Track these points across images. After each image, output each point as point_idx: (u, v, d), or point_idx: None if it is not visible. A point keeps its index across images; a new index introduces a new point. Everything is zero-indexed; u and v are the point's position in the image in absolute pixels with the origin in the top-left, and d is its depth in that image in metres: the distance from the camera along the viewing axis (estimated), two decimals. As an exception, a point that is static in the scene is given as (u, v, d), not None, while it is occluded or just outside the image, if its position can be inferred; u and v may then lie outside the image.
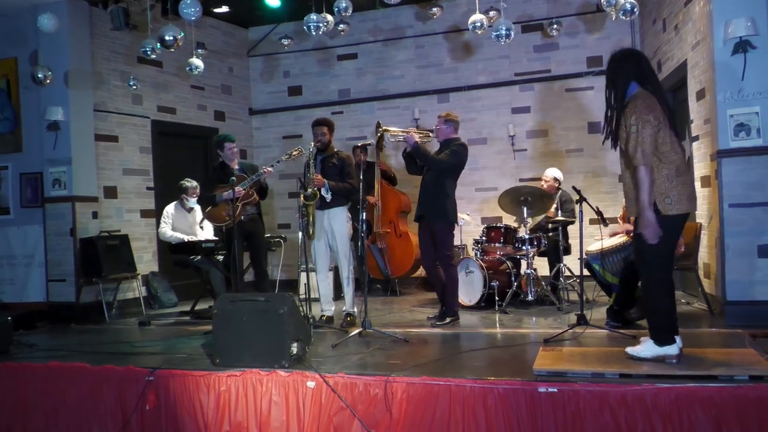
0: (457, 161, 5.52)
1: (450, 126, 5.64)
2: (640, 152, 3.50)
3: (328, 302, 5.76)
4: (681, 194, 3.57)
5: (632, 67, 3.69)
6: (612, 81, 3.73)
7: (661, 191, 3.57)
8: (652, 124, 3.53)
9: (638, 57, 3.78)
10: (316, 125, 5.70)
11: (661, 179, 3.57)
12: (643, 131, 3.51)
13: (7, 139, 7.14)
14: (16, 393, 4.42)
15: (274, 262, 7.51)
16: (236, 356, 4.09)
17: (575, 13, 7.89)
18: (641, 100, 3.59)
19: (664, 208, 3.56)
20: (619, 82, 3.69)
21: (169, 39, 5.66)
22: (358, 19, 8.40)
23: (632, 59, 3.74)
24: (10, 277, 7.09)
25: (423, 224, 5.63)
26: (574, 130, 7.93)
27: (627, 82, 3.67)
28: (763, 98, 4.79)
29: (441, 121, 5.64)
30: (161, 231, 6.74)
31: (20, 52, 7.06)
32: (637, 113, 3.54)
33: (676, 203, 3.56)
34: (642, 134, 3.51)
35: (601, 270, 5.32)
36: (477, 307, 6.18)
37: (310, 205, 5.44)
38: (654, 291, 3.65)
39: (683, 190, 3.58)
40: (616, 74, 3.71)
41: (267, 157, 8.95)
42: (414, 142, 5.42)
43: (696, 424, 3.16)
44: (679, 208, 3.58)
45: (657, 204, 3.56)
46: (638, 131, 3.52)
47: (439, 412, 3.50)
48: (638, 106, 3.57)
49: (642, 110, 3.55)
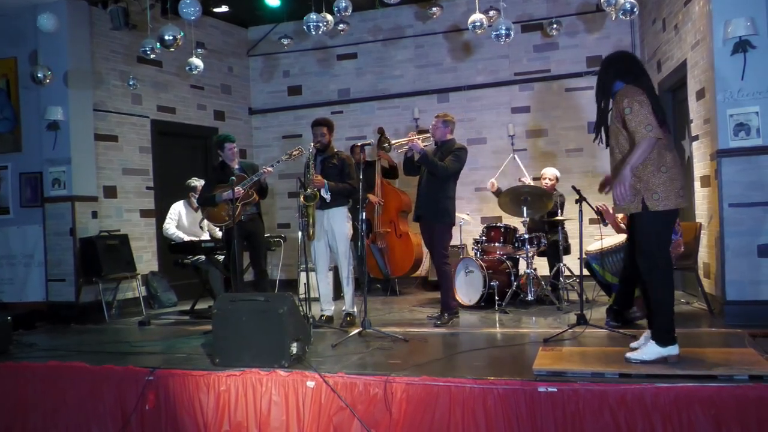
0: (461, 166, 5.59)
1: (447, 127, 5.66)
2: (645, 126, 3.51)
3: (328, 302, 5.77)
4: (669, 190, 3.57)
5: (618, 66, 3.76)
6: (601, 83, 3.79)
7: (648, 187, 3.57)
8: (647, 103, 3.56)
9: (624, 57, 3.85)
10: (316, 125, 5.69)
11: (647, 175, 3.57)
12: (641, 109, 3.54)
13: (6, 139, 7.14)
14: (15, 393, 4.41)
15: (274, 262, 7.50)
16: (236, 356, 4.09)
17: (575, 12, 7.89)
18: (629, 89, 3.64)
19: (651, 204, 3.57)
20: (607, 83, 3.75)
21: (169, 39, 5.66)
22: (358, 19, 8.39)
23: (617, 61, 3.81)
24: (9, 277, 7.09)
25: (424, 224, 5.64)
26: (574, 129, 7.93)
27: (612, 80, 3.74)
28: (762, 98, 4.79)
29: (439, 122, 5.64)
30: (165, 227, 6.75)
31: (20, 52, 7.05)
32: (629, 96, 3.58)
33: (663, 199, 3.56)
34: (640, 112, 3.53)
35: (600, 270, 5.32)
36: (477, 307, 6.18)
37: (311, 206, 5.45)
38: (655, 288, 3.64)
39: (671, 186, 3.58)
40: (606, 75, 3.77)
41: (267, 157, 8.95)
42: (421, 149, 5.43)
43: (695, 424, 3.16)
44: (666, 204, 3.57)
45: (645, 200, 3.57)
46: (634, 111, 3.54)
47: (438, 411, 3.50)
48: (628, 92, 3.61)
49: (633, 93, 3.59)
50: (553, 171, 6.71)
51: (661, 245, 3.64)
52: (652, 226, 3.60)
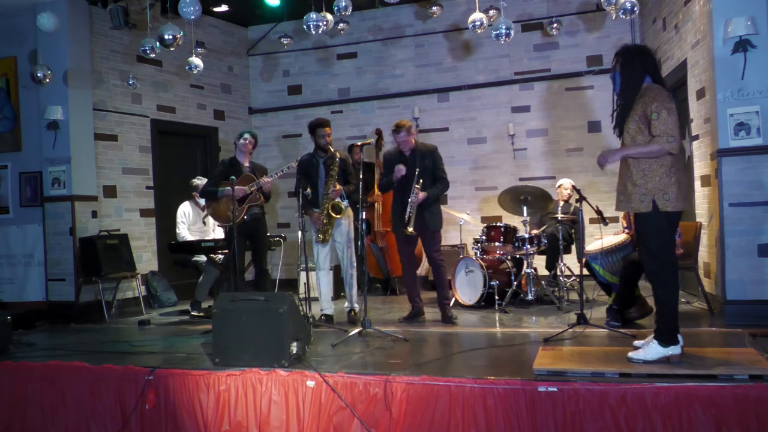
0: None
1: (411, 133, 5.58)
2: (667, 138, 3.49)
3: (328, 301, 5.77)
4: (678, 192, 3.57)
5: (647, 60, 3.69)
6: (630, 76, 3.69)
7: (660, 187, 3.56)
8: (674, 111, 3.54)
9: (649, 51, 3.79)
10: (321, 126, 5.64)
11: (660, 176, 3.57)
12: (668, 118, 3.51)
13: (6, 138, 7.13)
14: (14, 392, 4.41)
15: (274, 262, 7.50)
16: (236, 355, 4.09)
17: (575, 12, 7.89)
18: (659, 90, 3.60)
19: (663, 205, 3.56)
20: (635, 74, 3.67)
21: (169, 38, 5.65)
22: (358, 18, 8.39)
23: (645, 53, 3.73)
24: (9, 277, 7.09)
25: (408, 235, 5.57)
26: (574, 129, 7.93)
27: (642, 74, 3.67)
28: (763, 97, 4.79)
29: (404, 134, 5.51)
30: (178, 233, 6.70)
31: (19, 51, 7.05)
32: (659, 101, 3.54)
33: (673, 200, 3.56)
34: (668, 121, 3.51)
35: (600, 270, 5.31)
36: (477, 307, 6.18)
37: (335, 218, 5.53)
38: (660, 288, 3.64)
39: (680, 188, 3.58)
40: (632, 64, 3.68)
41: (267, 156, 8.96)
42: (424, 198, 5.42)
43: (696, 424, 3.16)
44: (676, 206, 3.58)
45: (656, 201, 3.56)
46: (662, 118, 3.51)
47: (438, 411, 3.50)
48: (658, 95, 3.57)
49: (664, 98, 3.56)
50: (569, 181, 6.76)
51: (667, 245, 3.64)
52: (660, 227, 3.60)
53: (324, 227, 5.57)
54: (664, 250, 3.63)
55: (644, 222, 3.67)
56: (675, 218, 3.65)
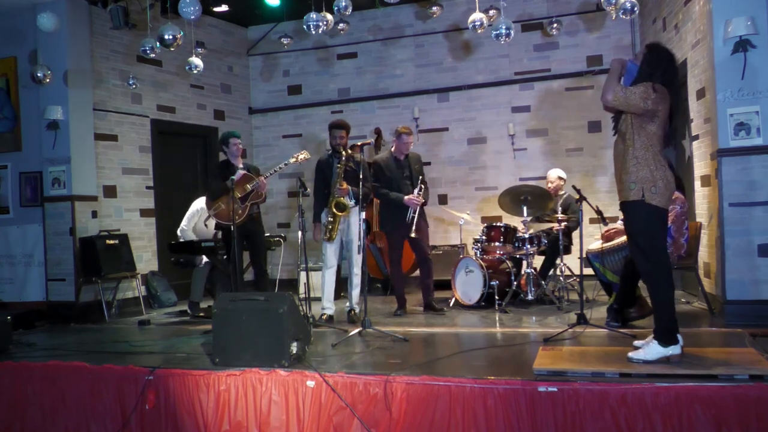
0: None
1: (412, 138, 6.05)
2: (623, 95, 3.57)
3: (330, 301, 5.78)
4: (664, 188, 3.59)
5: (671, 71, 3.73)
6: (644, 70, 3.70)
7: (649, 178, 3.58)
8: (650, 96, 3.55)
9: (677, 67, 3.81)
10: (337, 128, 5.77)
11: (653, 166, 3.58)
12: (636, 89, 3.57)
13: (6, 138, 7.13)
14: (14, 392, 4.41)
15: (274, 262, 7.50)
16: (236, 355, 4.09)
17: (575, 12, 7.89)
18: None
19: (649, 196, 3.57)
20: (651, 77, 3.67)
21: (169, 38, 5.65)
22: (358, 18, 8.39)
23: (672, 65, 3.76)
24: (9, 277, 7.09)
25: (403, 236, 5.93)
26: (574, 129, 7.93)
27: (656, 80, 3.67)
28: (763, 97, 4.79)
29: (408, 138, 5.96)
30: (182, 226, 6.66)
31: (19, 51, 7.05)
32: (645, 85, 3.59)
33: (659, 195, 3.58)
34: (635, 90, 3.57)
35: (601, 268, 5.32)
36: (477, 307, 6.18)
37: (339, 215, 5.56)
38: (654, 288, 3.64)
39: (667, 187, 3.60)
40: (656, 69, 3.69)
41: (267, 156, 8.96)
42: (419, 202, 5.81)
43: (696, 424, 3.15)
44: (660, 201, 3.59)
45: (644, 191, 3.57)
46: (637, 87, 3.58)
47: (438, 411, 3.50)
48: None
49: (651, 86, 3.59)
50: (556, 172, 6.68)
51: (657, 244, 3.64)
52: (648, 221, 3.60)
53: (329, 225, 5.57)
54: (655, 249, 3.63)
55: (633, 216, 3.68)
56: (663, 215, 3.65)
